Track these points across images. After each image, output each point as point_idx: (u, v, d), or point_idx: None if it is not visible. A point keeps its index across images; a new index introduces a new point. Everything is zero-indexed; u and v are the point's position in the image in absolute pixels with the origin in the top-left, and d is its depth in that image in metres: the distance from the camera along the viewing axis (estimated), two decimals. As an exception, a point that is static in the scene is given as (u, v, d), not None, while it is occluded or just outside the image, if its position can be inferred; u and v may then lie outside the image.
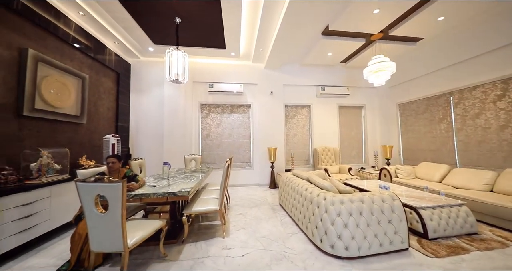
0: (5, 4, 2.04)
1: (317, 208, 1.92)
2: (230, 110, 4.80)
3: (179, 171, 3.07)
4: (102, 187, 1.26)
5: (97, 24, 3.06)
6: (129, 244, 1.36)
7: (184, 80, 2.94)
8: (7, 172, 1.91)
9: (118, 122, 3.92)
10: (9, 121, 2.10)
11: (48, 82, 2.44)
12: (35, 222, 1.95)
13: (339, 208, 1.76)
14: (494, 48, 2.97)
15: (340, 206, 1.77)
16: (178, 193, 1.79)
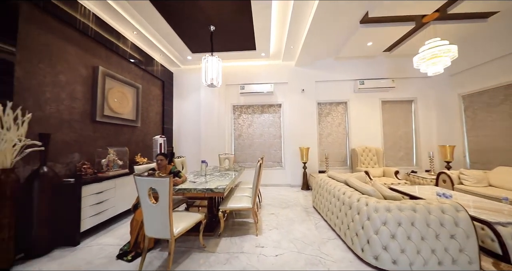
0: (83, 32, 2.58)
1: (357, 214, 1.76)
2: (261, 111, 4.85)
3: (215, 169, 3.28)
4: (153, 181, 1.46)
5: (147, 40, 3.54)
6: (175, 232, 1.53)
7: (218, 83, 3.12)
8: (87, 166, 2.41)
9: (164, 124, 4.46)
10: (87, 125, 2.63)
11: (112, 93, 2.97)
12: (104, 208, 2.39)
13: (385, 216, 1.57)
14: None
15: (386, 213, 1.57)
16: (215, 189, 1.92)
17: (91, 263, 1.75)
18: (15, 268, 1.70)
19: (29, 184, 1.86)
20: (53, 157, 2.18)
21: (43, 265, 1.73)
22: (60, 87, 2.29)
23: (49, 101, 2.17)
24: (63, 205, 2.03)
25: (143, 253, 1.62)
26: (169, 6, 2.77)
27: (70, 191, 2.06)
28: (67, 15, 2.34)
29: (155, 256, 1.83)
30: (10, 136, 1.66)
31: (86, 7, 2.59)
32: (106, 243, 2.10)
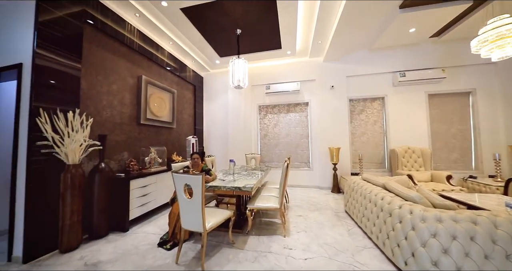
0: (130, 46, 2.96)
1: (399, 222, 1.57)
2: (287, 110, 4.77)
3: (242, 168, 3.36)
4: (188, 178, 1.58)
5: (181, 49, 3.86)
6: (207, 227, 1.63)
7: (245, 85, 3.19)
8: (134, 163, 2.76)
9: (196, 126, 4.79)
10: (134, 128, 3.02)
11: (153, 98, 3.33)
12: (147, 200, 2.70)
13: (435, 226, 1.36)
14: None
15: (436, 224, 1.36)
16: (243, 188, 1.97)
17: (137, 248, 1.99)
18: (82, 246, 2.06)
19: (91, 178, 2.23)
20: (108, 154, 2.57)
21: (101, 246, 2.05)
22: (113, 95, 2.69)
23: (105, 108, 2.57)
24: (116, 196, 2.37)
25: (180, 244, 1.77)
26: (199, 15, 2.96)
27: (121, 185, 2.39)
28: (117, 33, 2.73)
29: (189, 247, 1.98)
30: (78, 137, 2.03)
31: (131, 24, 2.97)
32: (149, 232, 2.37)
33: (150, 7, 2.81)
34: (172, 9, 2.82)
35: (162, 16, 2.99)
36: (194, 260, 1.77)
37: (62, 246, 1.93)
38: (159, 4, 2.72)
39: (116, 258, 1.83)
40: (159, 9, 2.83)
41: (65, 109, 2.06)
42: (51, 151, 1.93)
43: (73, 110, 2.10)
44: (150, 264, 1.72)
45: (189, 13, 2.92)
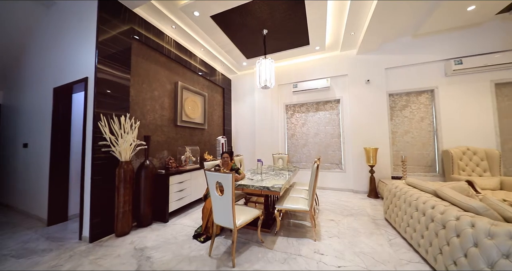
0: (168, 56, 3.28)
1: (456, 236, 1.34)
2: (316, 108, 4.56)
3: (269, 168, 3.36)
4: (220, 176, 1.67)
5: (210, 54, 4.10)
6: (237, 223, 1.69)
7: (271, 84, 3.19)
8: (172, 161, 3.04)
9: (225, 126, 5.01)
10: (172, 129, 3.33)
11: (187, 102, 3.62)
12: (184, 195, 2.95)
13: (508, 245, 1.11)
14: None
15: (509, 242, 1.11)
16: (271, 188, 1.97)
17: (176, 238, 2.20)
18: (132, 232, 2.37)
19: (138, 173, 2.55)
20: (152, 153, 2.90)
21: (147, 233, 2.33)
22: (155, 101, 3.02)
23: (149, 112, 2.91)
24: (158, 190, 2.66)
25: (212, 238, 1.87)
26: (227, 20, 3.08)
27: (162, 180, 2.68)
28: (157, 45, 3.06)
29: (221, 242, 2.08)
30: (128, 138, 2.35)
31: (169, 36, 3.29)
32: (185, 224, 2.58)
33: (184, 18, 3.06)
34: (203, 17, 3.01)
35: (194, 25, 3.22)
36: (225, 255, 1.85)
37: (117, 231, 2.27)
38: (192, 15, 2.94)
39: (158, 245, 2.05)
40: (192, 19, 3.06)
41: (118, 114, 2.42)
42: (109, 150, 2.29)
43: (124, 115, 2.45)
44: (187, 254, 1.88)
45: (218, 20, 3.08)
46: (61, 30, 2.72)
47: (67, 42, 2.62)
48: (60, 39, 2.72)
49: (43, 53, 2.98)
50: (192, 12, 2.89)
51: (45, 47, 2.94)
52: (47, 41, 2.91)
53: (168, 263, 1.74)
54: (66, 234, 2.38)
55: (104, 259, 1.83)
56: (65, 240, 2.22)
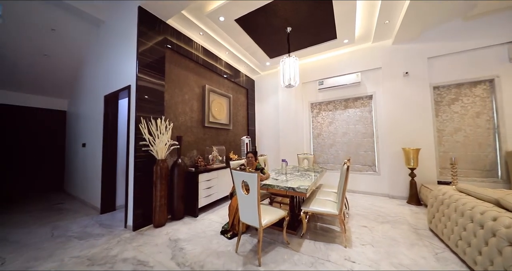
0: (196, 61, 3.49)
1: (531, 256, 1.09)
2: (344, 106, 4.28)
3: (294, 168, 3.29)
4: (245, 175, 1.71)
5: (235, 57, 4.22)
6: (262, 223, 1.70)
7: (296, 83, 3.11)
8: (201, 160, 3.23)
9: (249, 126, 5.10)
10: (200, 130, 3.54)
11: (214, 104, 3.79)
12: (211, 192, 3.10)
13: None
14: None
15: None
16: (297, 188, 1.92)
17: (205, 233, 2.33)
18: (167, 224, 2.60)
19: (172, 170, 2.78)
20: (183, 152, 3.13)
21: (180, 226, 2.53)
22: (185, 104, 3.26)
23: (180, 114, 3.15)
24: (188, 187, 2.86)
25: (239, 235, 1.93)
26: (251, 22, 3.13)
27: (191, 177, 2.87)
28: (187, 52, 3.29)
29: (246, 240, 2.13)
30: (164, 138, 2.58)
31: (197, 43, 3.51)
32: (213, 220, 2.71)
33: (210, 25, 3.22)
34: (227, 22, 3.12)
35: (220, 30, 3.36)
36: (251, 253, 1.88)
37: (155, 222, 2.51)
38: (217, 20, 3.08)
39: (190, 238, 2.20)
40: (218, 24, 3.20)
41: (155, 117, 2.68)
42: (148, 149, 2.56)
43: (160, 117, 2.70)
44: (215, 249, 1.97)
45: (241, 22, 3.15)
46: (108, 45, 3.15)
47: (113, 55, 3.02)
48: (108, 52, 3.16)
49: (95, 65, 3.50)
50: (218, 18, 3.02)
51: (97, 60, 3.45)
52: (98, 55, 3.41)
53: (198, 255, 1.86)
54: (114, 222, 2.74)
55: (145, 247, 2.04)
56: (114, 227, 2.56)
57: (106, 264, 1.76)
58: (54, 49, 3.55)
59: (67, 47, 3.61)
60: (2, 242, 2.20)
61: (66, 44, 3.55)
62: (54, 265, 1.76)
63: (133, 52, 2.60)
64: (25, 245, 2.13)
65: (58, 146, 4.66)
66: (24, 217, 3.01)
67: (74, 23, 3.25)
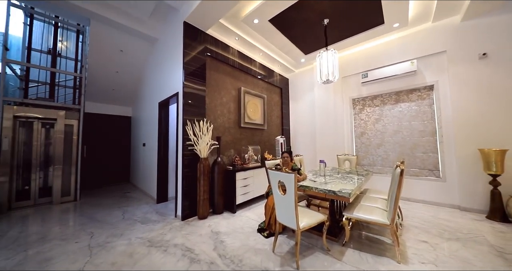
0: (233, 65, 3.68)
1: None
2: (395, 100, 3.72)
3: (334, 170, 3.07)
4: (282, 175, 1.70)
5: (269, 57, 4.24)
6: (300, 225, 1.66)
7: (335, 78, 2.90)
8: (238, 159, 3.39)
9: (283, 126, 5.04)
10: (237, 130, 3.72)
11: (249, 105, 3.92)
12: (248, 190, 3.21)
13: None
14: None
15: None
16: (338, 192, 1.79)
17: (243, 229, 2.43)
18: (209, 217, 2.83)
19: (213, 168, 3.01)
20: (222, 151, 3.35)
21: (220, 220, 2.71)
22: (223, 106, 3.48)
23: (219, 116, 3.39)
24: (227, 184, 3.04)
25: (275, 235, 1.93)
26: (284, 20, 3.08)
27: (229, 175, 3.04)
28: (224, 57, 3.51)
29: (283, 241, 2.11)
30: (205, 139, 2.83)
31: (233, 48, 3.69)
32: (250, 217, 2.80)
33: (245, 29, 3.33)
34: (261, 23, 3.16)
35: (254, 33, 3.44)
36: (288, 254, 1.85)
37: (199, 214, 2.78)
38: (252, 23, 3.16)
39: (229, 232, 2.34)
40: (252, 27, 3.28)
41: (198, 119, 2.96)
42: (193, 148, 2.85)
43: (202, 120, 2.97)
44: (252, 245, 2.03)
45: (275, 22, 3.14)
46: (161, 59, 3.66)
47: (165, 67, 3.49)
48: (161, 65, 3.67)
49: (151, 77, 4.12)
50: (252, 21, 3.09)
51: (153, 72, 4.05)
52: (154, 68, 4.00)
53: (237, 249, 1.95)
54: (167, 211, 3.16)
55: (191, 235, 2.28)
56: (166, 216, 2.96)
57: (161, 247, 2.05)
58: (122, 67, 4.37)
59: (131, 64, 4.38)
60: (91, 220, 2.85)
61: (131, 62, 4.32)
62: (125, 242, 2.16)
63: (180, 63, 2.94)
64: (106, 223, 2.70)
65: (125, 145, 5.71)
66: (105, 201, 3.81)
67: (136, 43, 3.92)
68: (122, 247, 2.06)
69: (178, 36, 3.01)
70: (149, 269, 1.68)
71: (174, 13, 3.21)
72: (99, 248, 2.03)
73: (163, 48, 3.61)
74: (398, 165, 1.79)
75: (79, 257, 1.88)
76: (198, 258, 1.82)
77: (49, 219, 2.93)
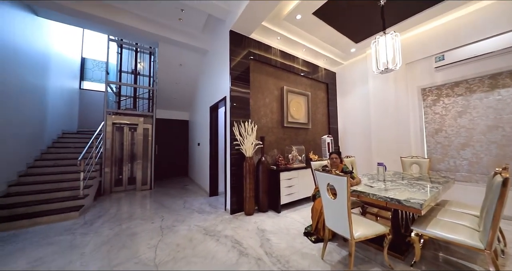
0: (275, 65, 3.68)
1: None
2: (489, 85, 2.81)
3: (397, 175, 2.60)
4: (332, 178, 1.57)
5: (312, 52, 4.02)
6: (354, 235, 1.49)
7: (396, 65, 2.45)
8: (281, 159, 3.37)
9: (330, 124, 4.67)
10: (279, 130, 3.71)
11: (292, 104, 3.83)
12: (292, 191, 3.15)
13: None
14: None
15: None
16: (405, 202, 1.50)
17: (288, 230, 2.40)
18: (255, 214, 2.94)
19: (257, 167, 3.11)
20: (266, 151, 3.41)
21: (265, 218, 2.77)
22: (266, 106, 3.54)
23: (262, 116, 3.47)
24: (271, 183, 3.07)
25: (325, 242, 1.81)
26: (330, 9, 2.84)
27: (273, 175, 3.06)
28: (266, 59, 3.56)
29: (334, 249, 1.95)
30: (250, 139, 2.95)
31: (275, 48, 3.70)
32: (295, 219, 2.73)
33: (287, 27, 3.28)
34: (305, 18, 3.03)
35: (297, 29, 3.33)
36: (340, 265, 1.70)
37: (246, 210, 2.93)
38: (295, 20, 3.07)
39: (274, 231, 2.36)
40: (295, 24, 3.20)
41: (243, 120, 3.12)
42: (239, 148, 3.03)
43: (247, 121, 3.12)
44: (299, 249, 1.97)
45: (320, 14, 2.94)
46: (211, 67, 4.07)
47: (214, 74, 3.86)
48: (211, 72, 4.08)
49: (203, 84, 4.64)
50: (295, 17, 3.01)
51: (204, 79, 4.56)
52: (205, 76, 4.49)
53: (283, 250, 1.95)
54: (218, 204, 3.48)
55: (239, 229, 2.44)
56: (218, 208, 3.26)
57: (214, 236, 2.28)
58: (181, 78, 5.12)
59: (188, 75, 5.08)
60: (161, 206, 3.47)
61: (187, 73, 5.00)
62: (186, 227, 2.52)
63: (227, 69, 3.18)
64: (172, 210, 3.23)
65: (184, 145, 6.66)
66: (170, 191, 4.56)
67: (191, 57, 4.52)
68: (184, 231, 2.41)
69: (225, 44, 3.27)
70: (206, 254, 1.90)
71: (221, 24, 3.50)
72: (167, 230, 2.45)
73: (212, 58, 4.00)
74: (498, 171, 1.34)
75: (154, 235, 2.32)
76: (246, 252, 1.92)
77: (134, 202, 3.76)
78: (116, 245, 2.10)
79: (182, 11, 3.37)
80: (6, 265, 1.77)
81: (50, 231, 2.45)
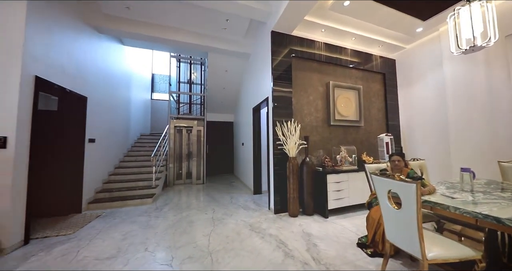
0: (319, 60, 3.46)
1: None
2: None
3: (493, 186, 1.96)
4: (395, 184, 1.34)
5: (364, 39, 3.55)
6: (427, 255, 1.22)
7: (490, 40, 1.84)
8: (328, 160, 3.14)
9: (388, 121, 3.99)
10: (325, 129, 3.45)
11: (340, 100, 3.50)
12: (341, 196, 2.87)
13: None
14: None
15: None
16: (508, 221, 1.11)
17: (337, 237, 2.20)
18: (299, 217, 2.85)
19: (301, 168, 3.00)
20: (310, 151, 3.25)
21: (310, 222, 2.64)
22: (310, 104, 3.37)
23: (306, 115, 3.32)
24: (316, 186, 2.90)
25: (385, 258, 1.56)
26: (389, -14, 2.43)
27: (319, 177, 2.88)
28: (310, 54, 3.38)
29: (396, 267, 1.66)
30: (293, 138, 2.88)
31: (319, 41, 3.47)
32: (346, 227, 2.48)
33: (333, 17, 3.02)
34: (355, 3, 2.71)
35: (345, 17, 3.02)
36: (407, 287, 1.43)
37: (290, 211, 2.88)
38: (342, 7, 2.80)
39: (321, 237, 2.22)
40: (342, 12, 2.91)
41: (286, 120, 3.08)
42: (282, 148, 3.01)
43: (289, 120, 3.06)
44: (351, 260, 1.78)
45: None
46: (253, 69, 4.21)
47: (257, 76, 3.98)
48: (253, 75, 4.23)
49: (246, 86, 4.86)
50: (342, 4, 2.74)
51: (247, 82, 4.77)
52: (248, 78, 4.70)
53: (333, 259, 1.80)
54: (262, 203, 3.57)
55: (283, 230, 2.42)
56: (261, 206, 3.34)
57: (259, 233, 2.35)
58: (227, 83, 5.53)
59: (232, 80, 5.44)
60: (213, 199, 3.84)
61: (232, 78, 5.36)
62: (233, 221, 2.70)
63: (268, 70, 3.22)
64: (221, 204, 3.53)
65: (230, 144, 7.16)
66: (219, 186, 5.01)
67: (235, 62, 4.81)
68: (231, 225, 2.59)
69: (266, 46, 3.31)
70: (252, 249, 1.98)
71: (263, 26, 3.57)
72: (218, 222, 2.70)
73: (254, 61, 4.13)
74: None
75: (208, 225, 2.60)
76: (291, 254, 1.89)
77: (191, 194, 4.33)
78: (178, 229, 2.47)
79: (227, 20, 3.64)
80: (110, 234, 2.38)
81: (133, 212, 3.13)
